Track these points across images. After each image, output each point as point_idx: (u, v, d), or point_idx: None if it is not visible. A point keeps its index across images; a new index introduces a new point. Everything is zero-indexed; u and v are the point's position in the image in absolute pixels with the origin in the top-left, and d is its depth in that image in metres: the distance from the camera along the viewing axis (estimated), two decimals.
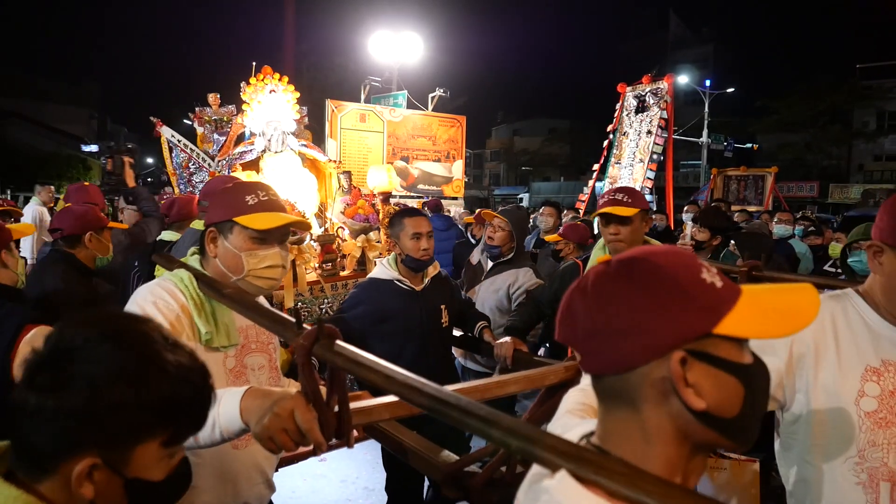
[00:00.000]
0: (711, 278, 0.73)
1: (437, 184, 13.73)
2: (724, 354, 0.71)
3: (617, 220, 2.47)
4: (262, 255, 1.56)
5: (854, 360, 1.27)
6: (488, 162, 52.51)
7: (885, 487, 1.21)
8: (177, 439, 0.84)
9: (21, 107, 31.20)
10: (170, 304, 1.47)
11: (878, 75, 31.30)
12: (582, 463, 0.70)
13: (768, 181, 11.39)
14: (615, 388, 0.75)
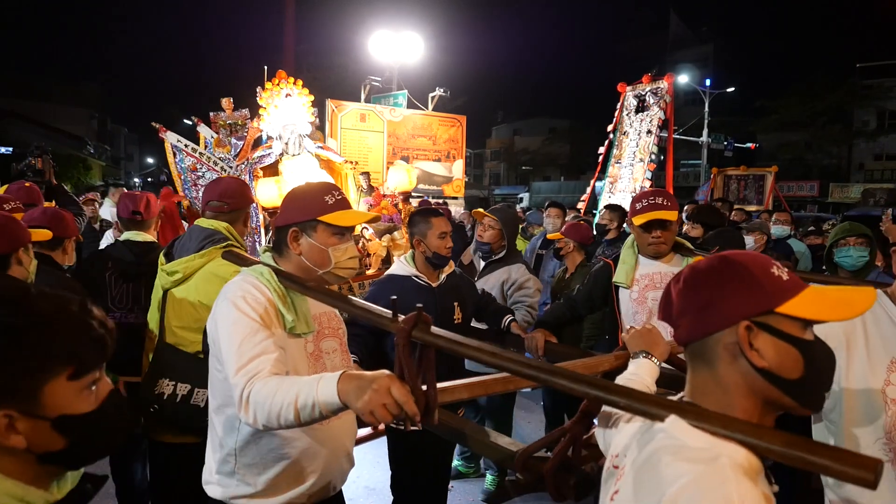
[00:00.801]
0: (779, 272, 0.95)
1: (438, 183, 13.73)
2: (785, 328, 0.92)
3: (662, 225, 2.53)
4: (345, 249, 1.73)
5: (881, 353, 1.43)
6: (488, 161, 52.52)
7: None
8: (83, 370, 0.87)
9: (21, 107, 31.18)
10: (258, 298, 1.59)
11: (879, 74, 31.31)
12: (683, 412, 0.90)
13: (768, 181, 11.39)
14: (698, 352, 0.98)
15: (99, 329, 0.89)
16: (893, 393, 1.40)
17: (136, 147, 56.04)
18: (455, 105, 16.67)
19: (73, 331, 0.86)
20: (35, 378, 0.83)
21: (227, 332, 1.52)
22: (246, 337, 1.49)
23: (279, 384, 1.37)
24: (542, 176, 45.05)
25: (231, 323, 1.53)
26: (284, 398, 1.33)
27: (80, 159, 30.70)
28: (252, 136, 3.89)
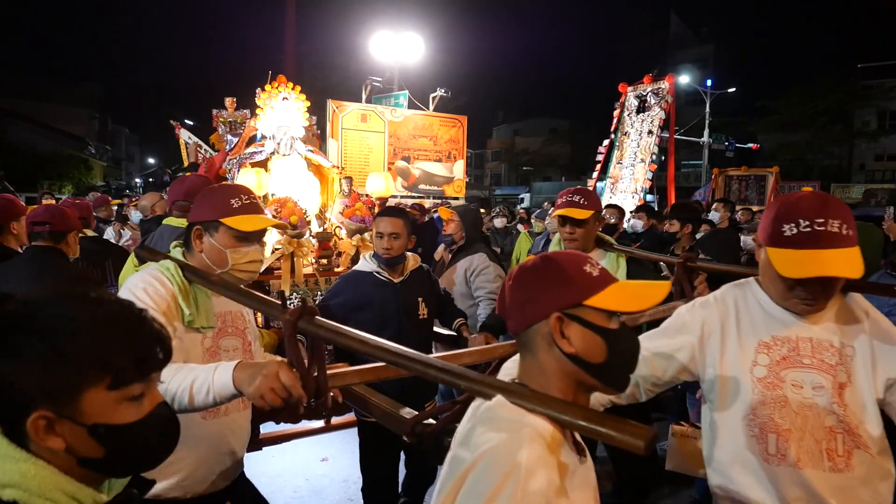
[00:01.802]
0: (591, 270, 1.08)
1: (439, 184, 13.73)
2: (592, 319, 1.04)
3: (573, 222, 2.68)
4: (245, 252, 1.80)
5: (750, 337, 1.55)
6: (489, 162, 52.52)
7: (773, 438, 1.49)
8: (121, 382, 0.87)
9: (22, 107, 31.17)
10: (158, 290, 1.66)
11: (879, 75, 31.29)
12: (507, 392, 1.05)
13: (770, 181, 11.40)
14: (524, 341, 1.11)
15: (147, 341, 0.90)
16: (759, 373, 1.52)
17: (137, 147, 56.05)
18: (456, 105, 16.67)
19: (116, 340, 0.86)
20: (73, 383, 0.84)
21: None
22: None
23: (176, 370, 1.43)
24: (543, 176, 45.04)
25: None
26: (180, 384, 1.40)
27: (81, 160, 30.71)
28: (247, 133, 4.10)
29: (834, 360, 1.48)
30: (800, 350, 1.50)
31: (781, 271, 1.43)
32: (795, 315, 1.52)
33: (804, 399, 1.48)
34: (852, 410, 1.47)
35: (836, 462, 1.45)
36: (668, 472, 2.14)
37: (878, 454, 1.48)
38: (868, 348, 1.49)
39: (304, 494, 3.67)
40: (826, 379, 1.48)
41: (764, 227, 1.51)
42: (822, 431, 1.47)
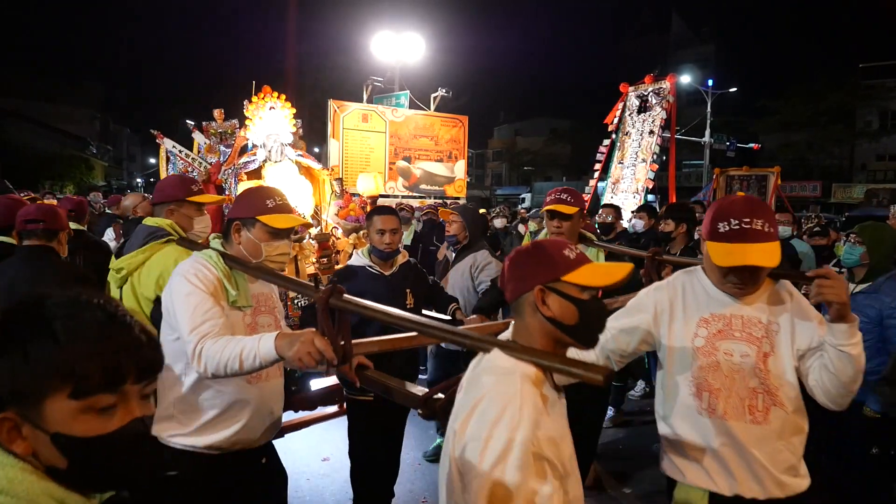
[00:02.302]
0: (570, 254, 1.36)
1: (440, 184, 13.73)
2: (567, 291, 1.33)
3: (560, 216, 3.00)
4: (276, 246, 2.08)
5: (694, 314, 1.86)
6: (490, 162, 52.54)
7: (706, 395, 1.82)
8: (84, 391, 0.82)
9: (24, 107, 31.19)
10: (206, 275, 1.94)
11: (881, 74, 31.24)
12: (503, 346, 1.35)
13: (771, 181, 11.37)
14: (516, 307, 1.41)
15: (120, 352, 0.85)
16: (699, 343, 1.83)
17: (139, 147, 56.10)
18: (457, 105, 16.66)
19: (81, 349, 0.83)
20: (36, 387, 0.82)
21: (182, 302, 1.86)
22: (198, 305, 1.85)
23: (227, 342, 1.75)
24: (544, 176, 45.05)
25: (185, 294, 1.87)
26: (231, 352, 1.72)
27: (83, 160, 30.73)
28: (239, 143, 4.29)
29: (760, 333, 1.79)
30: (732, 325, 1.81)
31: (716, 261, 1.73)
32: (731, 297, 1.83)
33: (733, 364, 1.79)
34: (773, 375, 1.77)
35: (756, 416, 1.76)
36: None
37: (794, 412, 1.78)
38: (790, 324, 1.79)
39: (305, 494, 3.68)
40: (752, 349, 1.78)
41: (705, 225, 1.81)
42: (745, 391, 1.77)
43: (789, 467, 1.77)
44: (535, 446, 1.19)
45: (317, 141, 23.85)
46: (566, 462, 1.28)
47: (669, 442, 1.90)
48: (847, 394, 1.73)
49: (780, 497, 1.75)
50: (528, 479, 1.17)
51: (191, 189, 2.76)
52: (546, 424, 1.24)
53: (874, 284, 2.85)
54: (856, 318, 1.70)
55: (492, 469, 1.16)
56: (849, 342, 1.67)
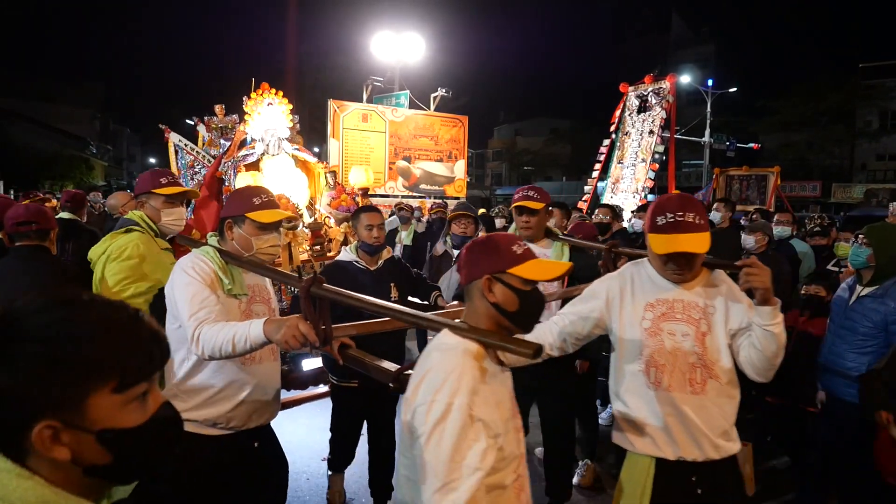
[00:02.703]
0: (517, 249, 1.53)
1: (440, 183, 13.74)
2: (511, 282, 1.51)
3: (528, 212, 3.17)
4: (265, 239, 2.28)
5: (641, 299, 2.08)
6: (490, 162, 52.52)
7: (653, 371, 2.03)
8: (127, 383, 0.84)
9: (24, 107, 31.20)
10: (203, 268, 2.13)
11: (881, 74, 31.23)
12: (453, 326, 1.54)
13: (771, 181, 11.37)
14: (467, 292, 1.59)
15: (147, 340, 0.88)
16: (645, 325, 2.06)
17: (139, 147, 56.11)
18: (457, 105, 16.66)
19: (117, 342, 0.84)
20: (77, 390, 0.81)
21: (182, 292, 2.06)
22: (195, 294, 2.04)
23: (222, 327, 1.94)
24: (544, 176, 45.04)
25: (184, 285, 2.06)
26: (225, 336, 1.90)
27: (83, 159, 30.74)
28: (238, 137, 4.51)
29: (699, 315, 2.02)
30: (675, 308, 2.04)
31: (655, 250, 1.98)
32: (673, 283, 2.06)
33: (675, 343, 2.01)
34: (710, 351, 2.00)
35: (695, 387, 2.00)
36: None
37: (727, 384, 2.03)
38: (724, 307, 2.02)
39: (305, 494, 3.69)
40: (691, 329, 2.01)
41: (647, 219, 2.05)
42: (686, 366, 2.01)
43: (723, 432, 2.02)
44: (472, 410, 1.38)
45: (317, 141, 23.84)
46: (502, 424, 1.46)
47: (621, 416, 2.12)
48: (770, 367, 1.99)
49: (716, 458, 1.99)
50: (465, 437, 1.36)
51: (159, 181, 2.85)
52: (483, 392, 1.43)
53: (881, 288, 2.80)
54: (778, 302, 1.93)
55: (434, 428, 1.36)
56: (772, 322, 1.91)
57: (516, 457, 1.50)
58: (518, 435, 1.54)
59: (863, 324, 2.80)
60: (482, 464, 1.35)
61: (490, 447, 1.39)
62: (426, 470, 1.36)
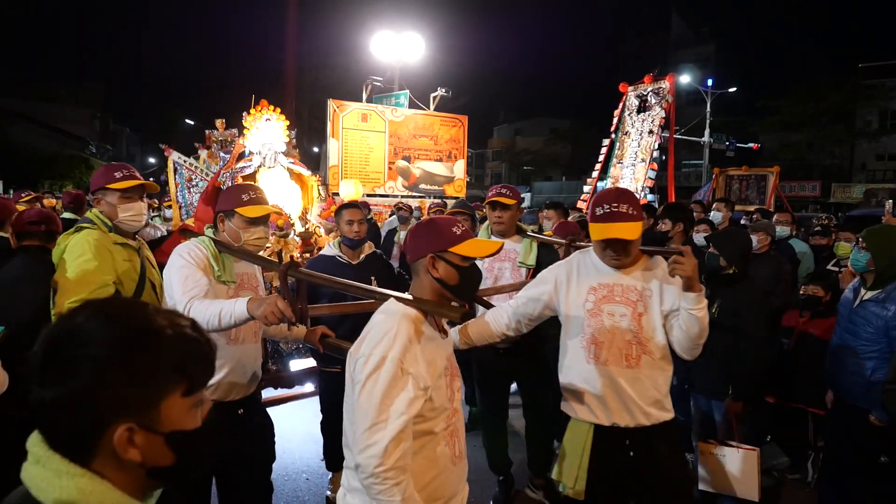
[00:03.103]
0: (457, 230, 1.73)
1: (439, 183, 13.73)
2: (451, 259, 1.72)
3: (501, 207, 3.40)
4: (253, 231, 2.50)
5: (585, 283, 2.33)
6: (490, 162, 52.51)
7: (593, 347, 2.28)
8: (195, 387, 0.90)
9: (24, 107, 31.15)
10: (197, 254, 2.36)
11: (881, 74, 31.23)
12: (394, 296, 1.78)
13: (770, 181, 11.37)
14: (414, 268, 1.79)
15: (207, 347, 0.92)
16: (588, 306, 2.29)
17: (138, 147, 56.07)
18: (456, 105, 16.65)
19: (187, 348, 0.88)
20: (156, 392, 0.85)
21: (176, 273, 2.27)
22: (189, 275, 2.26)
23: (210, 303, 2.14)
24: (544, 176, 45.04)
25: (179, 267, 2.29)
26: (212, 311, 2.09)
27: (83, 159, 30.65)
28: (237, 150, 4.79)
29: (636, 297, 2.25)
30: (614, 291, 2.28)
31: (594, 237, 2.22)
32: (613, 269, 2.29)
33: (614, 322, 2.25)
34: (645, 330, 2.24)
35: (630, 362, 2.24)
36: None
37: (660, 359, 2.26)
38: (659, 291, 2.25)
39: (305, 494, 3.69)
40: (629, 310, 2.25)
41: (589, 210, 2.29)
42: (623, 343, 2.24)
43: (655, 401, 2.26)
44: (403, 364, 1.59)
45: (316, 140, 23.79)
46: (432, 379, 1.64)
47: (565, 387, 2.38)
48: (694, 346, 2.22)
49: (647, 424, 2.24)
50: (394, 386, 1.57)
51: (113, 176, 2.70)
52: (416, 350, 1.63)
53: (884, 292, 2.79)
54: (701, 289, 2.14)
55: (369, 376, 1.58)
56: (696, 307, 2.13)
57: (447, 409, 1.70)
58: (451, 392, 1.74)
59: (865, 329, 2.80)
60: (408, 410, 1.56)
61: (417, 397, 1.58)
62: (360, 412, 1.59)
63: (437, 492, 1.68)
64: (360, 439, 1.56)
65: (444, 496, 1.70)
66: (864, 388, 2.77)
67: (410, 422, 1.57)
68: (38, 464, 0.83)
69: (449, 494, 1.72)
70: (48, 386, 0.81)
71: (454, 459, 1.74)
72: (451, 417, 1.73)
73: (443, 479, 1.70)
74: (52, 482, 0.81)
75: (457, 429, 1.77)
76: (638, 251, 2.30)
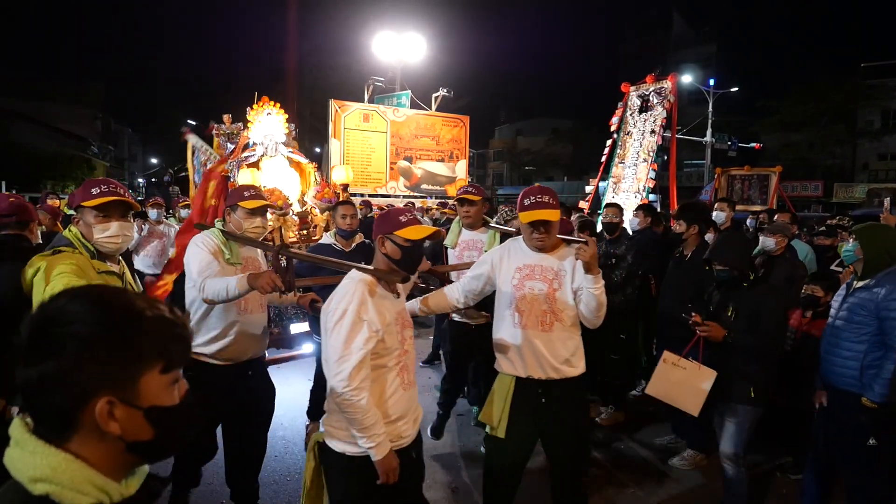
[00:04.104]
0: (403, 218, 2.24)
1: (441, 183, 13.72)
2: (396, 240, 2.23)
3: (468, 203, 4.00)
4: (253, 221, 3.05)
5: (514, 263, 2.79)
6: (491, 162, 52.51)
7: (517, 315, 2.74)
8: (172, 365, 0.94)
9: (26, 107, 31.14)
10: (209, 242, 2.91)
11: (883, 74, 31.17)
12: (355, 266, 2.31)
13: (772, 180, 11.36)
14: (375, 247, 2.32)
15: (184, 329, 0.97)
16: (514, 282, 2.75)
17: (140, 147, 56.06)
18: (458, 105, 16.65)
19: (165, 328, 0.93)
20: (135, 367, 0.90)
21: (194, 258, 2.81)
22: (203, 259, 2.80)
23: (220, 279, 2.68)
24: (545, 176, 45.02)
25: (195, 254, 2.84)
26: (221, 285, 2.63)
27: (84, 160, 30.71)
28: (242, 141, 5.36)
29: (552, 276, 2.72)
30: (535, 271, 2.75)
31: (523, 220, 2.68)
32: (537, 252, 2.76)
33: (534, 295, 2.72)
34: (558, 302, 2.70)
35: (545, 327, 2.71)
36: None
37: (570, 326, 2.74)
38: (572, 270, 2.71)
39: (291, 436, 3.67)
40: (546, 285, 2.72)
41: (518, 204, 2.79)
42: (540, 312, 2.72)
43: (565, 360, 2.72)
44: (359, 314, 2.11)
45: (317, 141, 23.77)
46: (383, 325, 2.14)
47: (496, 347, 2.86)
48: (595, 318, 2.68)
49: (556, 378, 2.72)
50: (354, 330, 2.10)
51: (89, 193, 2.42)
52: (369, 303, 2.14)
53: (873, 279, 2.93)
54: (599, 271, 2.61)
55: (335, 324, 2.11)
56: (593, 286, 2.61)
57: (397, 349, 2.21)
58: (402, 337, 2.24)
59: (857, 312, 2.93)
60: (364, 346, 2.09)
61: (371, 337, 2.11)
62: (331, 350, 2.11)
63: (391, 409, 2.20)
64: (332, 369, 2.10)
65: (396, 413, 2.21)
66: (856, 372, 2.90)
67: (368, 355, 2.11)
68: (16, 446, 0.88)
69: (400, 412, 2.23)
70: (34, 364, 0.85)
71: (405, 386, 2.26)
72: (402, 356, 2.24)
73: (395, 399, 2.21)
74: (26, 461, 0.86)
75: (406, 364, 2.28)
76: (557, 238, 2.77)
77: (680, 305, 4.12)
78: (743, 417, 3.21)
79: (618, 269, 4.74)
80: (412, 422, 2.29)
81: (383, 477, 2.11)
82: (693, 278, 4.09)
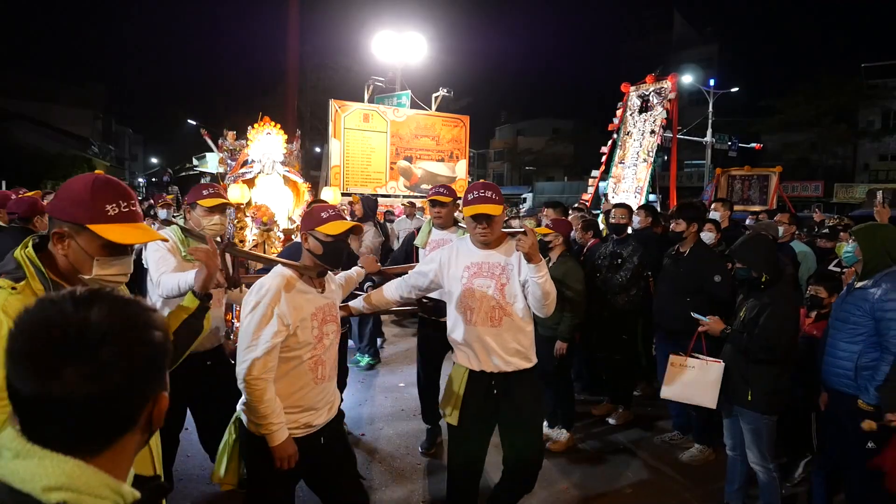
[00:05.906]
0: (325, 215, 2.36)
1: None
2: (317, 236, 2.36)
3: (440, 204, 4.01)
4: (211, 219, 3.15)
5: (462, 262, 2.85)
6: (492, 162, 52.51)
7: (468, 312, 2.82)
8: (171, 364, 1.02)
9: (26, 108, 31.17)
10: (171, 237, 2.96)
11: (884, 74, 31.16)
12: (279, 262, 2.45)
13: (773, 181, 11.35)
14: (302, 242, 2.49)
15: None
16: (464, 280, 2.82)
17: (141, 147, 56.08)
18: (458, 105, 16.66)
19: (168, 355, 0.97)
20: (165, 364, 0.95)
21: (153, 255, 2.90)
22: (161, 257, 2.88)
23: (173, 276, 2.76)
24: (546, 176, 45.01)
25: (154, 251, 2.91)
26: (174, 281, 2.72)
27: (85, 160, 30.70)
28: (241, 158, 5.65)
29: (499, 272, 2.78)
30: (483, 268, 2.81)
31: (467, 214, 2.72)
32: (484, 249, 2.82)
33: (482, 292, 2.79)
34: (507, 297, 2.77)
35: (494, 322, 2.78)
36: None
37: (520, 320, 2.80)
38: (518, 264, 2.76)
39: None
40: (493, 282, 2.78)
41: (463, 199, 2.85)
42: (489, 308, 2.78)
43: (516, 352, 2.80)
44: (272, 307, 2.21)
45: (318, 141, 23.77)
46: (296, 320, 2.25)
47: (452, 342, 2.94)
48: (542, 306, 2.72)
49: (508, 371, 2.79)
50: (264, 321, 2.20)
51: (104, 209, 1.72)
52: (282, 298, 2.24)
53: (872, 279, 2.92)
54: (541, 260, 2.64)
55: (249, 313, 2.24)
56: (537, 275, 2.64)
57: (311, 344, 2.31)
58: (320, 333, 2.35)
59: (854, 313, 2.93)
60: (273, 339, 2.19)
61: (280, 331, 2.21)
62: (241, 337, 2.23)
63: (300, 402, 2.32)
64: (239, 356, 2.21)
65: (303, 405, 2.33)
66: (851, 373, 2.90)
67: (275, 347, 2.21)
68: (18, 458, 0.84)
69: (308, 404, 2.35)
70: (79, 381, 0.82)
71: (316, 381, 2.36)
72: (316, 350, 2.34)
73: (304, 392, 2.33)
74: (35, 471, 0.82)
75: (322, 360, 2.37)
76: (501, 232, 2.84)
77: (675, 299, 4.16)
78: (754, 424, 3.21)
79: (622, 270, 4.74)
80: (326, 412, 2.43)
81: (279, 462, 2.25)
82: (689, 273, 4.18)
